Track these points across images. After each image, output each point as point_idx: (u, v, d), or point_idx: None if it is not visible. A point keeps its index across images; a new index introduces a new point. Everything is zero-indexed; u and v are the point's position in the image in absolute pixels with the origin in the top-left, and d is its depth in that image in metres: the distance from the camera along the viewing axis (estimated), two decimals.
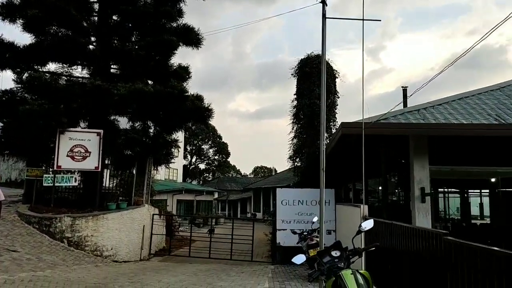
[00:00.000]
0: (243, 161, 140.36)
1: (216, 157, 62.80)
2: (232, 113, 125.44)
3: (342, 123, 9.41)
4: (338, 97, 15.06)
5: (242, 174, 77.14)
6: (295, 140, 15.25)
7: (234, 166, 74.82)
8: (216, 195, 48.42)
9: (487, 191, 22.12)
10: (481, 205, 27.48)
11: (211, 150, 61.56)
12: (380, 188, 15.26)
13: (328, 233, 12.16)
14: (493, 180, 17.35)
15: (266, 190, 40.43)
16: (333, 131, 14.98)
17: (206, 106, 14.41)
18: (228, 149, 62.41)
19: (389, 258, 5.54)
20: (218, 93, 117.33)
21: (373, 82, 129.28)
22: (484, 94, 11.06)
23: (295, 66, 15.75)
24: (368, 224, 4.20)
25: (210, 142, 60.78)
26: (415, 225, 8.83)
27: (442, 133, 9.10)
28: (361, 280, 3.66)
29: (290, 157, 15.46)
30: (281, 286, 8.43)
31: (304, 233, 10.29)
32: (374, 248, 4.11)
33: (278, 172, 51.35)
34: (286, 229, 12.86)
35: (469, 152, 9.87)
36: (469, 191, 24.94)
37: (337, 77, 15.55)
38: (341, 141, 10.02)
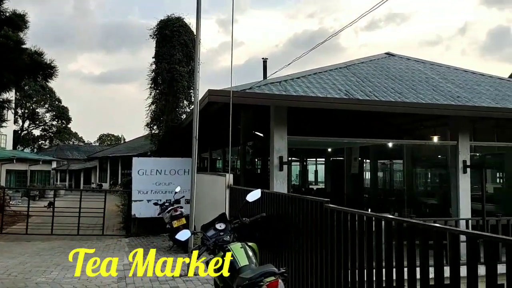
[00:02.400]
0: (87, 128, 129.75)
1: (54, 123, 55.99)
2: (73, 74, 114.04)
3: (209, 90, 9.14)
4: (199, 64, 14.60)
5: (86, 142, 71.35)
6: (153, 107, 14.36)
7: (76, 133, 68.55)
8: (54, 165, 43.68)
9: (323, 159, 25.00)
10: (316, 172, 31.01)
11: (48, 115, 54.46)
12: (237, 157, 15.66)
13: (187, 203, 11.97)
14: (329, 150, 19.53)
15: (114, 159, 38.13)
16: (193, 99, 14.56)
17: (48, 62, 12.47)
18: (69, 114, 56.29)
19: (260, 226, 5.58)
20: (55, 51, 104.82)
21: (224, 54, 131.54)
22: (334, 71, 12.00)
23: (154, 28, 14.69)
24: (255, 195, 4.07)
25: (47, 106, 53.77)
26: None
27: (304, 105, 9.57)
28: (250, 253, 3.50)
29: (147, 124, 14.55)
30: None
31: (166, 204, 9.89)
32: (260, 219, 4.00)
33: (127, 140, 48.84)
34: (142, 200, 12.23)
35: (321, 123, 10.69)
36: (307, 159, 27.86)
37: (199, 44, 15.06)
38: (205, 109, 9.78)
